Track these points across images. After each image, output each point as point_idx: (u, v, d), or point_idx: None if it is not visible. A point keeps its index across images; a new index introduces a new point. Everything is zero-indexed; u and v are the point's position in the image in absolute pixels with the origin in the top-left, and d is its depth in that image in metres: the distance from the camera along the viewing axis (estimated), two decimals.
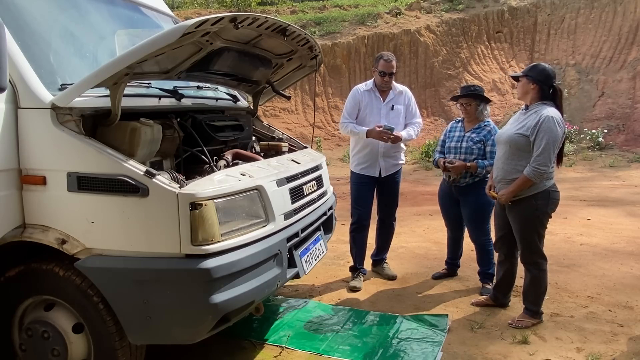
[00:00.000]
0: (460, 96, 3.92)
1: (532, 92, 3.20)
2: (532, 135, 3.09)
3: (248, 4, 19.14)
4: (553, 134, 3.05)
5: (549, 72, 3.21)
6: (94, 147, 2.16)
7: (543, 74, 3.19)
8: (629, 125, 12.15)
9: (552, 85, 3.21)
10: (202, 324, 2.21)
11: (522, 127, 3.16)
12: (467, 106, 3.87)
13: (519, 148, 3.16)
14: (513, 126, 3.26)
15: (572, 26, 14.14)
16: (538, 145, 3.07)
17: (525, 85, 3.22)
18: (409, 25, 14.71)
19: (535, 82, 3.18)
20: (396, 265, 4.53)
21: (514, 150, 3.18)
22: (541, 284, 3.34)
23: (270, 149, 3.53)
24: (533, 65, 3.28)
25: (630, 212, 6.60)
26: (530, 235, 3.26)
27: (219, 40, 2.51)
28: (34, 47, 2.37)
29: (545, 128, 3.04)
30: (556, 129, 3.06)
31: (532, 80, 3.19)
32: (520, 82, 3.27)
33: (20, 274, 2.36)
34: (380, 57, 4.13)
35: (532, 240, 3.27)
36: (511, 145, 3.18)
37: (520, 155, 3.16)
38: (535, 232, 3.26)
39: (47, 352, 2.33)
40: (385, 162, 4.15)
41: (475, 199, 3.87)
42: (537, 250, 3.30)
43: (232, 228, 2.26)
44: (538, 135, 3.06)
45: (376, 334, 3.27)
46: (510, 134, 3.20)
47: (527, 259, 3.33)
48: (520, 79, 3.26)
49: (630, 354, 2.97)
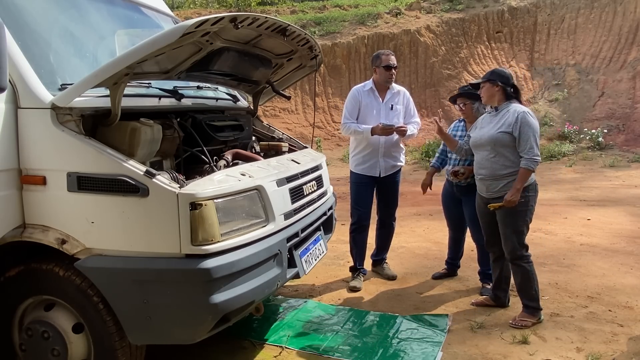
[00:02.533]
0: (457, 96, 4.01)
1: (498, 94, 3.40)
2: (515, 131, 3.26)
3: (248, 4, 19.15)
4: (534, 126, 3.27)
5: (508, 74, 3.44)
6: (94, 147, 2.16)
7: (503, 77, 3.40)
8: (629, 125, 12.15)
9: (512, 85, 3.42)
10: (202, 324, 2.21)
11: (502, 125, 3.32)
12: (463, 106, 3.95)
13: (504, 145, 3.31)
14: (490, 127, 3.40)
15: (572, 26, 14.14)
16: (525, 138, 3.24)
17: (490, 89, 3.41)
18: (409, 25, 14.71)
19: (498, 84, 3.37)
20: (396, 265, 4.53)
21: (498, 148, 3.32)
22: (534, 277, 3.41)
23: (270, 149, 3.53)
24: (492, 71, 3.50)
25: (630, 212, 6.59)
26: (521, 229, 3.36)
27: (219, 40, 2.51)
28: (34, 47, 2.37)
29: (526, 122, 3.25)
30: (534, 121, 3.30)
31: (495, 84, 3.38)
32: (483, 87, 3.45)
33: (20, 274, 2.36)
34: (379, 54, 4.14)
35: (522, 233, 3.37)
36: (495, 144, 3.32)
37: (505, 151, 3.32)
38: (525, 225, 3.38)
39: (47, 352, 2.33)
40: (386, 163, 4.16)
41: None
42: (524, 244, 3.40)
43: (232, 228, 2.26)
44: (522, 129, 3.24)
45: (376, 334, 3.27)
46: (492, 134, 3.34)
47: (517, 254, 3.38)
48: (483, 84, 3.45)
49: (630, 354, 2.97)
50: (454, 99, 4.03)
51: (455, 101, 4.02)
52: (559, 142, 11.91)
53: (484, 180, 3.43)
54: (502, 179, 3.33)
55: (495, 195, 3.37)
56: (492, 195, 3.40)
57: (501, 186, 3.34)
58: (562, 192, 8.08)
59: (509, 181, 3.30)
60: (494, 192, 3.39)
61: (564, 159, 11.13)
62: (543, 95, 13.60)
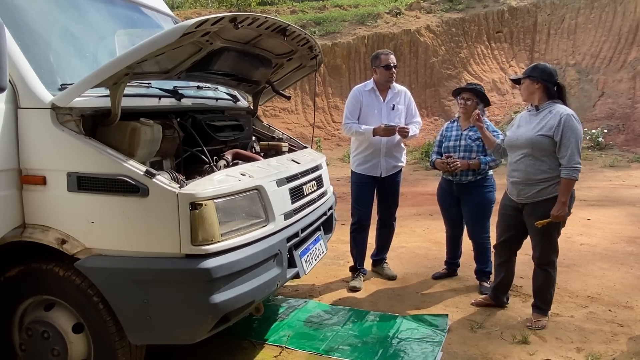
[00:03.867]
0: (463, 89, 3.92)
1: (538, 92, 3.18)
2: (556, 136, 3.06)
3: (248, 4, 19.15)
4: (578, 132, 3.06)
5: (551, 70, 3.21)
6: (94, 147, 2.16)
7: (546, 73, 3.19)
8: (629, 125, 12.16)
9: (556, 83, 3.21)
10: (202, 324, 2.21)
11: (542, 127, 3.12)
12: (468, 101, 3.86)
13: (542, 149, 3.11)
14: (529, 128, 3.19)
15: (572, 26, 14.15)
16: (567, 144, 3.03)
17: (529, 86, 3.20)
18: (409, 25, 14.72)
19: (539, 81, 3.17)
20: (396, 265, 4.53)
21: (536, 152, 3.13)
22: (554, 283, 3.36)
23: (270, 149, 3.53)
24: (534, 66, 3.27)
25: (630, 212, 6.59)
26: (554, 235, 3.25)
27: (219, 40, 2.51)
28: (34, 47, 2.37)
29: (570, 127, 3.03)
30: (578, 126, 3.09)
31: (536, 80, 3.17)
32: (523, 84, 3.24)
33: (20, 274, 2.36)
34: (378, 54, 4.13)
35: (554, 239, 3.26)
36: (533, 147, 3.12)
37: (543, 155, 3.13)
38: (557, 231, 3.25)
39: (47, 352, 2.33)
40: (387, 163, 4.15)
41: (477, 197, 3.88)
42: (556, 250, 3.29)
43: (232, 228, 2.26)
44: (564, 135, 3.03)
45: (376, 334, 3.27)
46: (531, 136, 3.13)
47: (546, 259, 3.29)
48: (523, 80, 3.25)
49: (630, 354, 2.97)
50: (459, 91, 3.97)
51: (459, 94, 3.93)
52: None
53: (516, 184, 3.24)
54: (536, 185, 3.14)
55: (526, 202, 3.21)
56: (523, 201, 3.24)
57: (534, 192, 3.16)
58: None
59: (543, 187, 3.13)
60: (525, 198, 3.22)
61: None
62: None
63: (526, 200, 3.22)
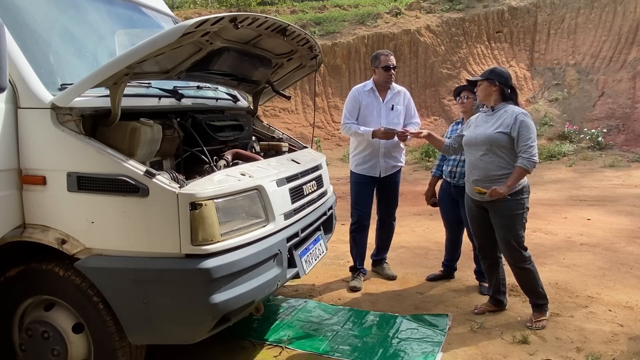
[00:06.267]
0: (463, 88, 3.97)
1: (495, 94, 3.36)
2: (513, 132, 3.22)
3: (248, 4, 19.14)
4: (532, 127, 3.26)
5: (507, 75, 3.40)
6: (94, 147, 2.16)
7: (502, 77, 3.36)
8: (629, 125, 12.15)
9: (511, 86, 3.39)
10: (202, 324, 2.21)
11: (500, 125, 3.27)
12: (465, 99, 3.92)
13: (500, 145, 3.26)
14: (487, 127, 3.34)
15: (572, 26, 14.14)
16: (524, 139, 3.20)
17: (487, 88, 3.36)
18: (409, 25, 14.71)
19: (496, 84, 3.33)
20: (396, 265, 4.53)
21: (495, 149, 3.28)
22: (537, 275, 3.40)
23: (270, 149, 3.53)
24: (491, 70, 3.44)
25: (631, 212, 6.59)
26: (519, 231, 3.32)
27: (219, 40, 2.51)
28: (34, 47, 2.37)
29: (525, 124, 3.22)
30: (532, 124, 3.28)
31: (494, 83, 3.34)
32: (480, 85, 3.40)
33: (20, 274, 2.36)
34: (378, 55, 4.14)
35: (521, 236, 3.32)
36: (492, 144, 3.27)
37: (501, 151, 3.27)
38: (522, 227, 3.34)
39: (47, 352, 2.33)
40: (386, 163, 4.15)
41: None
42: (523, 246, 3.36)
43: (232, 228, 2.27)
44: (520, 130, 3.21)
45: (376, 334, 3.27)
46: (490, 134, 3.28)
47: (518, 258, 3.34)
48: (480, 82, 3.39)
49: (630, 354, 2.96)
50: (459, 90, 4.00)
51: (460, 93, 3.97)
52: (559, 142, 11.90)
53: (477, 181, 3.33)
54: (496, 181, 3.24)
55: (489, 199, 3.26)
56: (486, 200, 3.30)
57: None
58: (562, 191, 8.08)
59: (503, 183, 3.23)
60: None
61: (564, 158, 11.13)
62: (543, 95, 13.60)
63: (489, 198, 3.26)
